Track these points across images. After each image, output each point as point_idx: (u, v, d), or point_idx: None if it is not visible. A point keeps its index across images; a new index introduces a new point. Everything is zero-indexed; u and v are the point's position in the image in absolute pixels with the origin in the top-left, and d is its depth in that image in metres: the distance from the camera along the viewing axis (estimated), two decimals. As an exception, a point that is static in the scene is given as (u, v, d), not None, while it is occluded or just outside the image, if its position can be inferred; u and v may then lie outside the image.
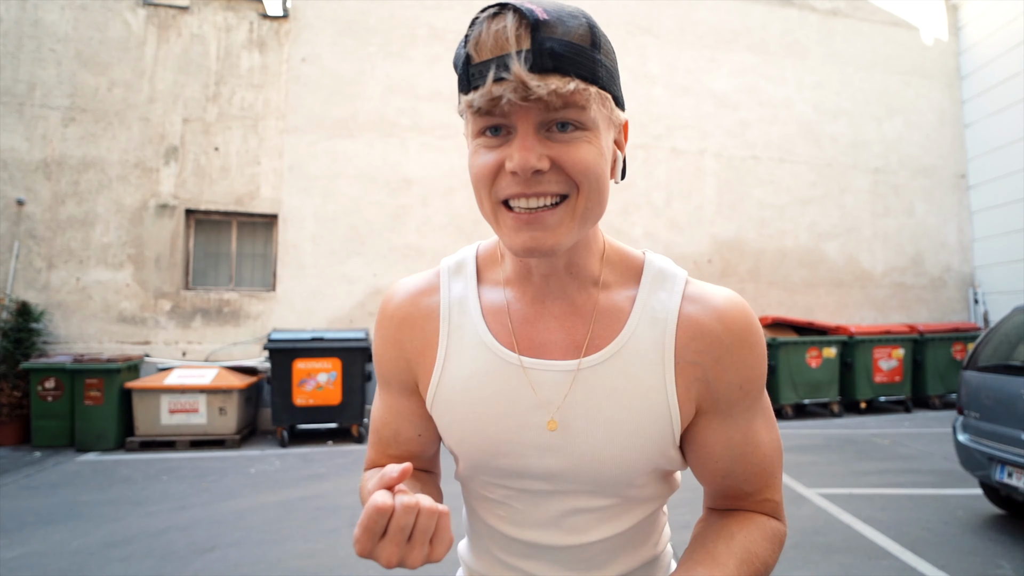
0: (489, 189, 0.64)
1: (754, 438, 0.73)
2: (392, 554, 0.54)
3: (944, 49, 10.31)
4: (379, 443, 0.84)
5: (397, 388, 0.81)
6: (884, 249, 9.67)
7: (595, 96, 0.62)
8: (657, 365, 0.71)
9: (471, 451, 0.75)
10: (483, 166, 0.64)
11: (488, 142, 0.64)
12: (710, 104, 9.16)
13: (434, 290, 0.80)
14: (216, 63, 7.72)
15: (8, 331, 6.59)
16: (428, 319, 0.78)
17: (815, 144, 9.52)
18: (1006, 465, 3.56)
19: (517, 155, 0.60)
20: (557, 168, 0.62)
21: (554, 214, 0.63)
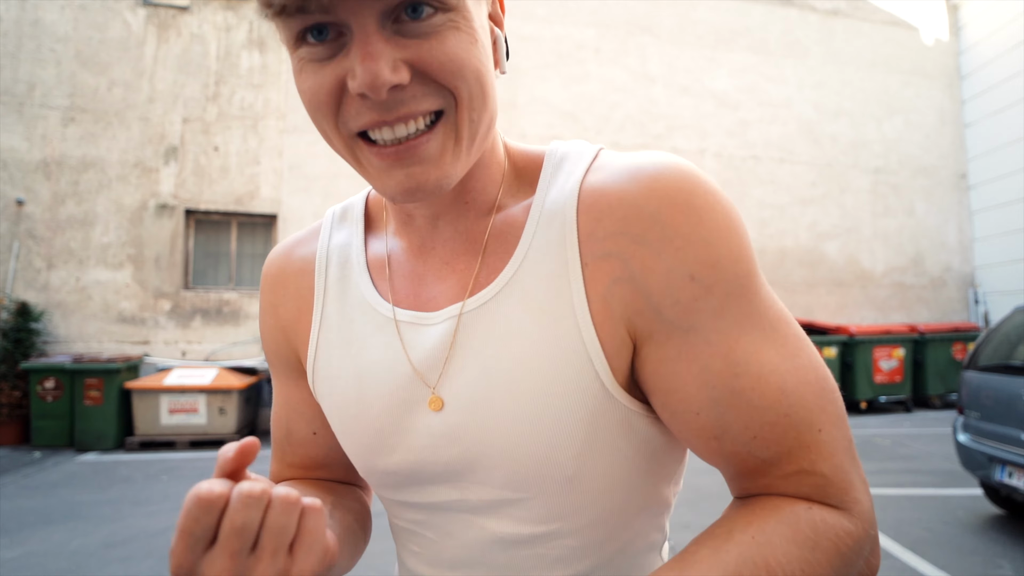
0: (334, 121, 0.45)
1: (750, 361, 0.46)
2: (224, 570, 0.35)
3: (944, 49, 10.31)
4: (275, 448, 0.67)
5: (283, 370, 0.64)
6: (884, 249, 9.67)
7: None
8: (560, 278, 0.49)
9: (358, 448, 0.56)
10: (315, 90, 0.44)
11: (315, 52, 0.44)
12: (710, 104, 9.15)
13: (313, 239, 0.63)
14: (216, 63, 7.72)
15: (8, 331, 6.59)
16: (302, 274, 0.61)
17: (815, 144, 9.52)
18: (1006, 465, 3.55)
19: (360, 70, 0.41)
20: (421, 75, 0.44)
21: (432, 139, 0.45)
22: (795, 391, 0.46)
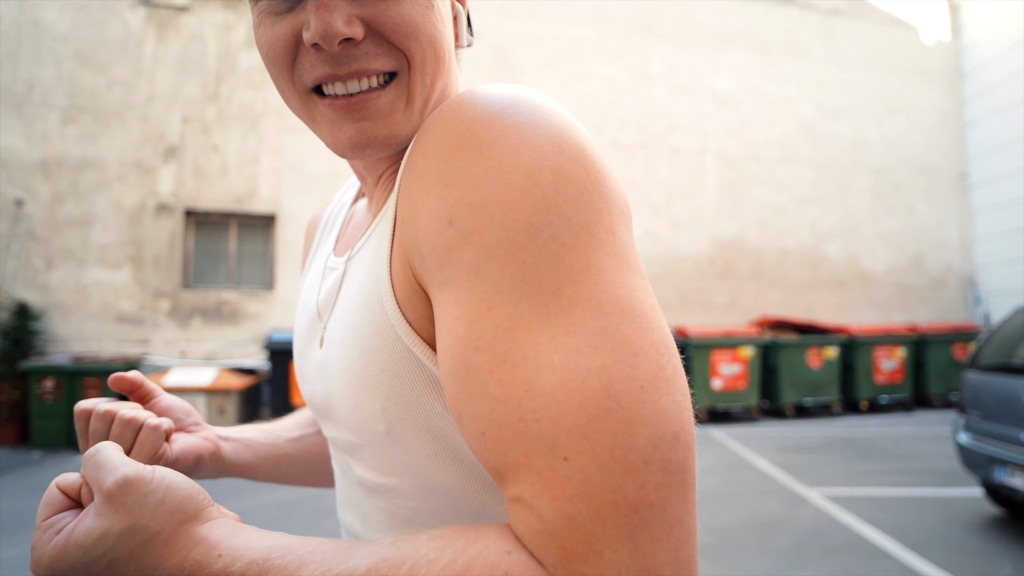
0: (289, 74, 0.46)
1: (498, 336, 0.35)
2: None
3: (945, 48, 10.30)
4: None
5: None
6: (885, 249, 9.66)
7: None
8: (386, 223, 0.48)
9: (299, 380, 0.64)
10: (272, 43, 0.45)
11: (272, 5, 0.45)
12: (711, 103, 9.15)
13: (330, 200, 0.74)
14: (215, 63, 7.71)
15: (7, 331, 6.58)
16: (311, 230, 0.73)
17: (816, 144, 9.51)
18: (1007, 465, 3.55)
19: (315, 20, 0.42)
20: (375, 35, 0.44)
21: (383, 95, 0.46)
22: (549, 394, 0.33)
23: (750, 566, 3.19)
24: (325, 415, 0.56)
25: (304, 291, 0.65)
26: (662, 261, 8.66)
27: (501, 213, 0.36)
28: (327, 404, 0.54)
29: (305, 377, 0.60)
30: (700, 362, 7.27)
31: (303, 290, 0.66)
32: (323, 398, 0.54)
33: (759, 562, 3.23)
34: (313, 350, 0.57)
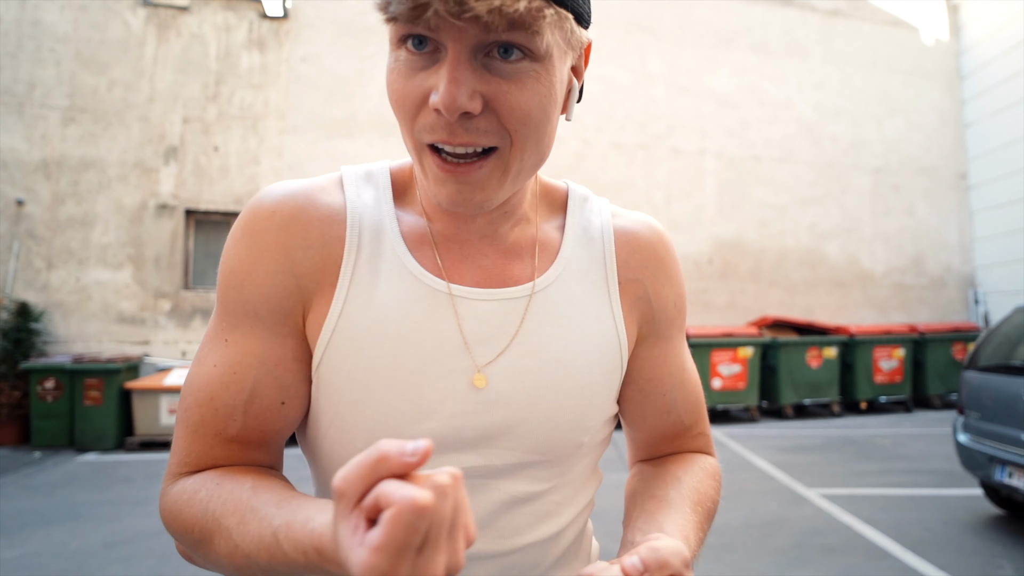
0: (411, 124, 0.52)
1: (688, 363, 0.71)
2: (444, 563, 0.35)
3: (944, 49, 10.31)
4: (208, 425, 0.56)
5: (269, 322, 0.57)
6: (885, 249, 9.67)
7: (552, 18, 0.48)
8: (601, 286, 0.64)
9: (384, 414, 0.56)
10: (405, 95, 0.51)
11: (412, 60, 0.50)
12: (710, 104, 9.15)
13: (335, 189, 0.62)
14: (216, 63, 7.72)
15: (8, 331, 6.59)
16: (331, 222, 0.59)
17: (815, 144, 9.52)
18: (1006, 465, 3.55)
19: (444, 90, 0.47)
20: (490, 112, 0.50)
21: (482, 168, 0.52)
22: (698, 382, 0.72)
23: (750, 566, 3.19)
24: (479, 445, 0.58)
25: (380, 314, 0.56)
26: (662, 261, 8.67)
27: (685, 302, 0.71)
28: (494, 433, 0.58)
29: (428, 414, 0.56)
30: (700, 362, 7.28)
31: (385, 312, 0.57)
32: (488, 428, 0.58)
33: (759, 562, 3.24)
34: (459, 384, 0.56)
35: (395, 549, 0.33)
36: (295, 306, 0.57)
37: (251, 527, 0.47)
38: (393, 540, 0.33)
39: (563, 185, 0.70)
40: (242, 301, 0.57)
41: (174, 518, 0.54)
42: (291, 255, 0.57)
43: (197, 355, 0.58)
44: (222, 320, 0.58)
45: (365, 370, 0.56)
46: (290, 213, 0.58)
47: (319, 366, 0.57)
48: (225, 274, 0.58)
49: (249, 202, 0.60)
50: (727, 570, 3.13)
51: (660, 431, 0.71)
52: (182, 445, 0.57)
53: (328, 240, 0.58)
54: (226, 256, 0.58)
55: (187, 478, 0.56)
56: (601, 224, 0.67)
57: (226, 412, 0.56)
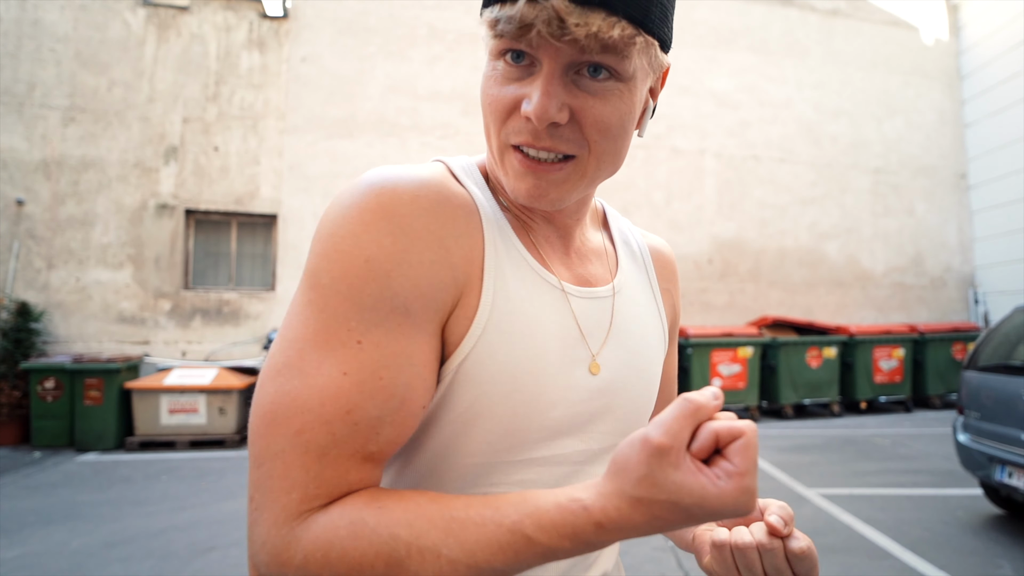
0: (499, 128, 0.57)
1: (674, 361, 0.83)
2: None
3: (944, 49, 10.31)
4: (345, 443, 0.48)
5: (421, 317, 0.52)
6: (884, 249, 9.67)
7: (640, 45, 0.52)
8: (648, 292, 0.74)
9: (520, 406, 0.56)
10: (498, 100, 0.56)
11: (508, 71, 0.55)
12: (710, 104, 9.15)
13: (449, 180, 0.59)
14: (216, 63, 7.72)
15: (8, 331, 6.59)
16: (469, 213, 0.57)
17: (815, 144, 9.52)
18: (1006, 465, 3.55)
19: (537, 101, 0.52)
20: (574, 123, 0.54)
21: (561, 171, 0.56)
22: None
23: (750, 565, 3.19)
24: (583, 430, 0.62)
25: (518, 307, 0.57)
26: (662, 261, 8.67)
27: None
28: (596, 418, 0.63)
29: (555, 403, 0.58)
30: (700, 362, 7.28)
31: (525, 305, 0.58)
32: (593, 413, 0.62)
33: (759, 561, 3.24)
34: (577, 374, 0.61)
35: (755, 467, 0.42)
36: (448, 300, 0.54)
37: (469, 535, 0.45)
38: (753, 460, 0.42)
39: (598, 203, 0.78)
40: (389, 295, 0.50)
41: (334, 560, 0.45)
42: (445, 244, 0.54)
43: (292, 367, 0.49)
44: (350, 319, 0.49)
45: (515, 363, 0.56)
46: (435, 199, 0.55)
47: (464, 361, 0.55)
48: (358, 264, 0.50)
49: (369, 185, 0.53)
50: (727, 570, 3.12)
51: None
52: (303, 476, 0.47)
53: (471, 230, 0.57)
54: (355, 243, 0.50)
55: (320, 513, 0.47)
56: (637, 240, 0.78)
57: (368, 425, 0.49)
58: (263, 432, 0.48)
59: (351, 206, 0.52)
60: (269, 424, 0.48)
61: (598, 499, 0.44)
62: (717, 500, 0.42)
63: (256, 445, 0.49)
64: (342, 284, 0.50)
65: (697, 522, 0.43)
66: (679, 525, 0.43)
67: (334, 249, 0.51)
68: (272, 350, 0.52)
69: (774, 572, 0.55)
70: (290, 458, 0.47)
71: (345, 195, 0.54)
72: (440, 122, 8.18)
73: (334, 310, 0.50)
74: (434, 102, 8.18)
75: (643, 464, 0.43)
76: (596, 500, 0.44)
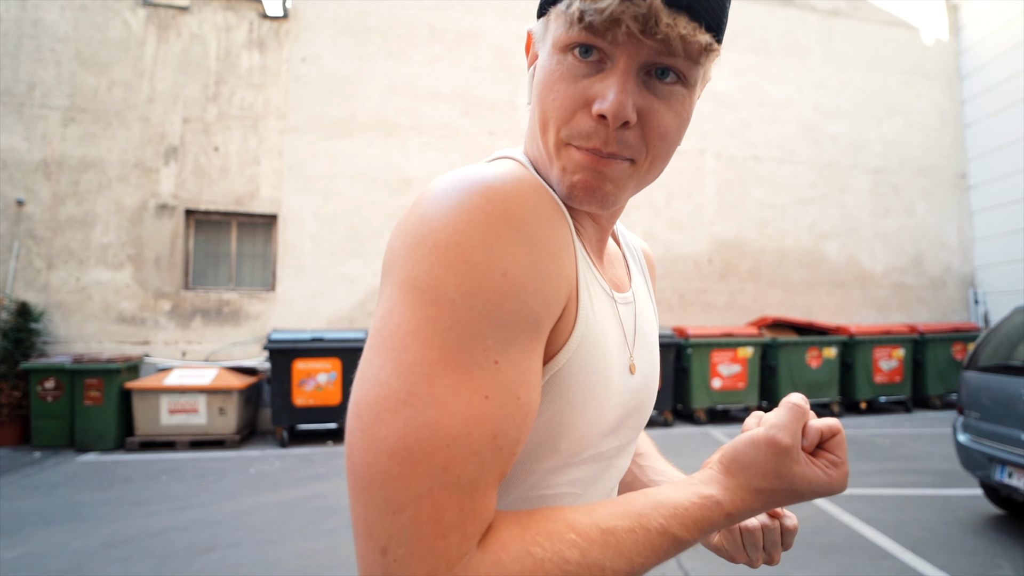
0: (561, 125, 0.54)
1: None
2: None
3: (944, 49, 10.31)
4: (492, 466, 0.44)
5: (546, 332, 0.50)
6: (884, 249, 9.67)
7: (714, 54, 0.53)
8: (649, 295, 0.78)
9: (597, 410, 0.57)
10: (565, 97, 0.53)
11: (576, 67, 0.52)
12: (710, 104, 9.15)
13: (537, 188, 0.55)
14: (216, 63, 7.72)
15: (8, 331, 6.59)
16: (563, 221, 0.55)
17: (815, 144, 9.52)
18: (1006, 465, 3.55)
19: (614, 98, 0.50)
20: (638, 126, 0.53)
21: (621, 166, 0.54)
22: None
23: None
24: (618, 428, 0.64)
25: (607, 319, 0.60)
26: (661, 261, 8.67)
27: None
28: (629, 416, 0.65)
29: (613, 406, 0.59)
30: (699, 362, 7.28)
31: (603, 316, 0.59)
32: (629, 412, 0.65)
33: (759, 562, 3.24)
34: (624, 377, 0.63)
35: (847, 455, 0.57)
36: (558, 310, 0.51)
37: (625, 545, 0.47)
38: (846, 450, 0.57)
39: None
40: (526, 311, 0.47)
41: None
42: (561, 254, 0.52)
43: (423, 395, 0.43)
44: (487, 338, 0.45)
45: (597, 372, 0.56)
46: (550, 206, 0.53)
47: (560, 371, 0.53)
48: (495, 278, 0.46)
49: (488, 188, 0.49)
50: (726, 570, 3.13)
51: None
52: (458, 515, 0.42)
53: (566, 239, 0.54)
54: (489, 255, 0.46)
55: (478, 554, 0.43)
56: (634, 244, 0.80)
57: (511, 449, 0.46)
58: (398, 473, 0.41)
59: (474, 211, 0.47)
60: (406, 463, 0.41)
61: (727, 494, 0.54)
62: (827, 486, 0.56)
63: (389, 489, 0.41)
64: (477, 300, 0.45)
65: (803, 501, 0.56)
66: (788, 504, 0.57)
67: (463, 261, 0.45)
68: (379, 377, 0.44)
69: (771, 545, 0.70)
70: (440, 498, 0.42)
71: (457, 198, 0.48)
72: (440, 122, 8.18)
73: (468, 328, 0.45)
74: (434, 102, 8.18)
75: (770, 461, 0.54)
76: (726, 495, 0.54)
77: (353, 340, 6.54)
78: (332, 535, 3.71)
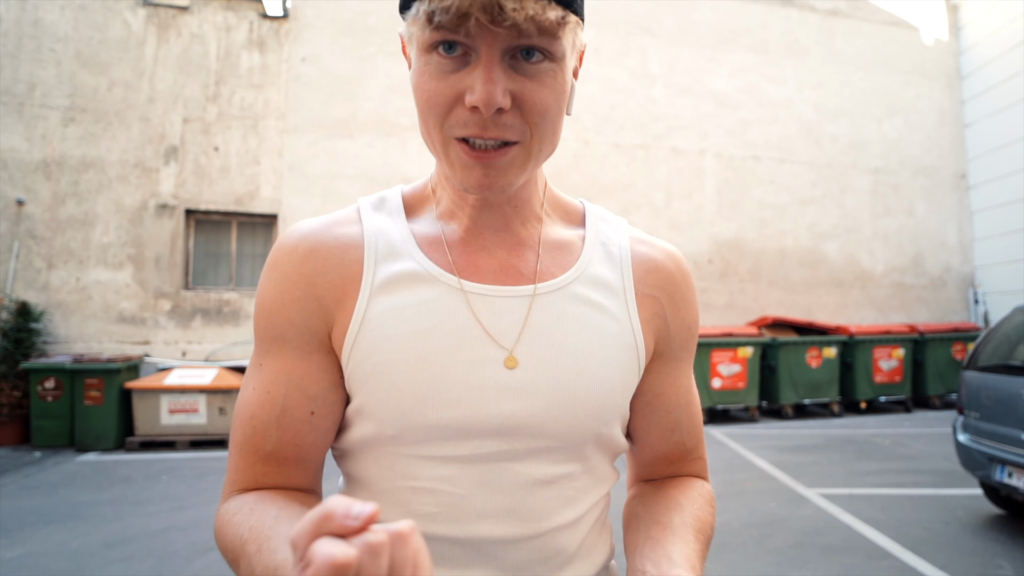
0: (441, 122, 0.57)
1: (694, 388, 0.75)
2: None
3: (944, 49, 10.31)
4: (251, 438, 0.62)
5: (295, 342, 0.63)
6: (884, 249, 9.67)
7: (571, 25, 0.55)
8: (619, 293, 0.68)
9: (407, 403, 0.60)
10: (437, 95, 0.56)
11: (442, 63, 0.55)
12: (710, 104, 9.16)
13: (351, 221, 0.68)
14: (216, 63, 7.72)
15: (8, 331, 6.59)
16: (347, 248, 0.65)
17: (815, 144, 9.52)
18: (1006, 465, 3.55)
19: (481, 89, 0.53)
20: (516, 109, 0.56)
21: (505, 155, 0.57)
22: (700, 409, 0.76)
23: (749, 565, 3.19)
24: (501, 432, 0.61)
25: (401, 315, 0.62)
26: (662, 261, 8.68)
27: (698, 329, 0.74)
28: (517, 421, 0.61)
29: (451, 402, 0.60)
30: (699, 362, 7.28)
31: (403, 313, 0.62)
32: (511, 415, 0.61)
33: (758, 562, 3.24)
34: (484, 373, 0.61)
35: None
36: (320, 324, 0.63)
37: (264, 557, 0.49)
38: None
39: (579, 203, 0.76)
40: (272, 328, 0.64)
41: (218, 537, 0.59)
42: (312, 280, 0.63)
43: (243, 382, 0.65)
44: (258, 348, 0.65)
45: (387, 364, 0.61)
46: (309, 248, 0.65)
47: (346, 367, 0.63)
48: (257, 308, 0.65)
49: (275, 244, 0.67)
50: (727, 569, 3.13)
51: (663, 450, 0.74)
52: (231, 465, 0.63)
53: (346, 263, 0.64)
54: (258, 292, 0.65)
55: (235, 497, 0.61)
56: (619, 242, 0.72)
57: (263, 428, 0.62)
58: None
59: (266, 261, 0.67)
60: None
61: None
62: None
63: None
64: (254, 323, 0.66)
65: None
66: None
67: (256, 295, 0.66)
68: None
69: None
70: (230, 451, 0.64)
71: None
72: (440, 122, 8.18)
73: (254, 342, 0.66)
74: (434, 102, 8.17)
75: None
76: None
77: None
78: (332, 535, 3.70)
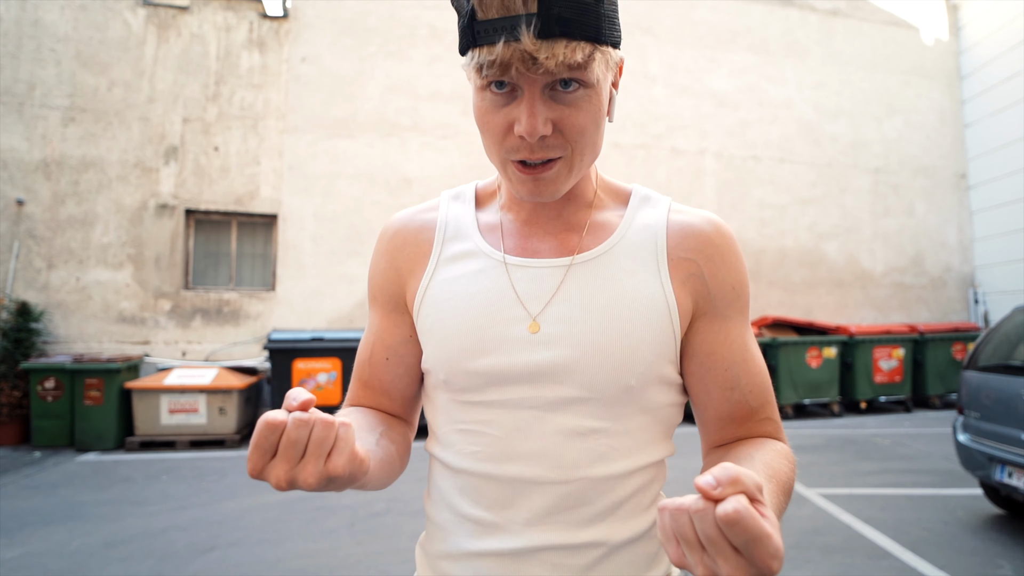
0: (499, 147, 0.69)
1: (751, 346, 0.77)
2: (282, 472, 0.51)
3: (944, 49, 10.31)
4: (357, 369, 0.86)
5: (383, 303, 0.84)
6: (884, 249, 9.67)
7: (599, 57, 0.64)
8: (650, 260, 0.75)
9: (452, 353, 0.74)
10: (493, 125, 0.68)
11: (495, 99, 0.67)
12: (710, 104, 9.15)
13: (432, 208, 0.86)
14: (216, 63, 7.72)
15: (8, 331, 6.59)
16: (422, 230, 0.83)
17: (815, 144, 9.52)
18: (1006, 465, 3.55)
19: (525, 121, 0.64)
20: (558, 132, 0.66)
21: (551, 169, 0.69)
22: (764, 368, 0.77)
23: (750, 565, 3.19)
24: (532, 379, 0.71)
25: (456, 282, 0.77)
26: (662, 261, 8.68)
27: (747, 288, 0.78)
28: (546, 369, 0.71)
29: (488, 351, 0.72)
30: (700, 362, 7.27)
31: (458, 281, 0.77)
32: (541, 364, 0.71)
33: (759, 561, 3.23)
34: (513, 330, 0.72)
35: (252, 447, 0.51)
36: (398, 289, 0.83)
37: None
38: (254, 440, 0.51)
39: (628, 187, 0.85)
40: (371, 291, 0.86)
41: None
42: (394, 255, 0.83)
43: None
44: (369, 304, 0.87)
45: (441, 322, 0.76)
46: (396, 230, 0.85)
47: (416, 323, 0.80)
48: (368, 276, 0.87)
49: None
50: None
51: (726, 410, 0.75)
52: (351, 384, 0.86)
53: (420, 242, 0.82)
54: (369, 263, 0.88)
55: (348, 408, 0.83)
56: (657, 215, 0.80)
57: (361, 364, 0.85)
58: None
59: None
60: None
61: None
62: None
63: None
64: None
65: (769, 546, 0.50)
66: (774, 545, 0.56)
67: None
68: None
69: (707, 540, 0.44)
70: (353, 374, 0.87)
71: None
72: (440, 122, 8.18)
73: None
74: (434, 102, 8.18)
75: None
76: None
77: (353, 340, 6.54)
78: (332, 535, 3.71)
